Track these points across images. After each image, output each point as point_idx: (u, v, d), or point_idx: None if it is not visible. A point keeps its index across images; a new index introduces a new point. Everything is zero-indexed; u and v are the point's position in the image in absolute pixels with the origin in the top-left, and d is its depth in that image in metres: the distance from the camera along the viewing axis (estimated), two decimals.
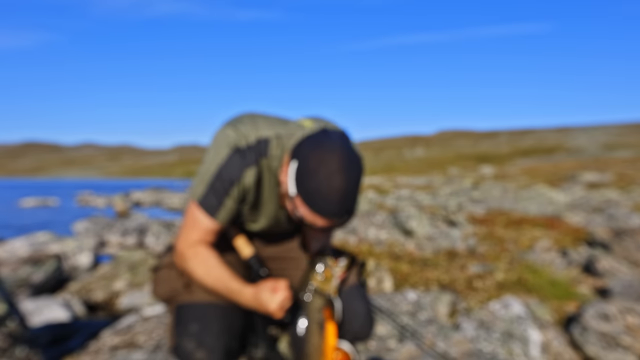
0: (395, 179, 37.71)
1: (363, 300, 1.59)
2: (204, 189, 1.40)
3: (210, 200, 1.39)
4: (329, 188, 1.20)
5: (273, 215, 1.50)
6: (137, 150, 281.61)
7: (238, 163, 1.36)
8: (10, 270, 3.85)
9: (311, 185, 1.22)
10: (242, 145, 1.37)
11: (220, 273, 1.40)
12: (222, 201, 1.39)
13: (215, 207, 1.40)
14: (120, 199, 17.91)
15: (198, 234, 1.42)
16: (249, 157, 1.37)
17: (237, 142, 1.37)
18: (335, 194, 1.21)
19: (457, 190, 20.74)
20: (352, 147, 1.28)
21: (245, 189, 1.40)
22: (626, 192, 16.55)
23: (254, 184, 1.40)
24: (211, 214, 1.40)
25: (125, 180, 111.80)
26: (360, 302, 1.57)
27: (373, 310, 1.61)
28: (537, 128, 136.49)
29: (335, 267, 1.44)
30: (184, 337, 1.41)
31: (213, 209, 1.40)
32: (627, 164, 35.08)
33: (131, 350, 2.17)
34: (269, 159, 1.39)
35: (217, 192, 1.39)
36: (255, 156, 1.37)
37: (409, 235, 5.83)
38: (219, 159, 1.38)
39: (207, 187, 1.39)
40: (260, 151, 1.38)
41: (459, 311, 2.95)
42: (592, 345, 2.49)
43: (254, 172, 1.38)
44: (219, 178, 1.37)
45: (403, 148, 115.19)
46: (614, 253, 4.61)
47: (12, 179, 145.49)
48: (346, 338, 1.52)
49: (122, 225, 7.32)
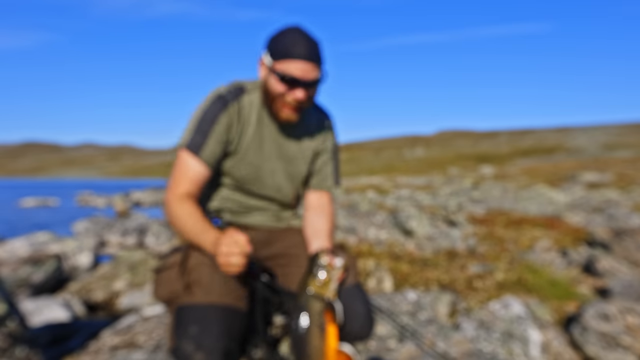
0: (395, 179, 37.71)
1: (362, 300, 1.59)
2: (189, 133, 1.54)
3: (195, 140, 1.52)
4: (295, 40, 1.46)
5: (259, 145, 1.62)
6: (137, 150, 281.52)
7: (220, 103, 1.55)
8: (10, 270, 3.85)
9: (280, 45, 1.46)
10: (224, 91, 1.57)
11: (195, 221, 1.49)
12: (207, 138, 1.52)
13: (199, 145, 1.52)
14: (120, 199, 17.91)
15: (186, 183, 1.52)
16: (229, 97, 1.56)
17: (218, 91, 1.57)
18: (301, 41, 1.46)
19: (457, 190, 20.74)
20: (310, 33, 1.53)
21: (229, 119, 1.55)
22: (626, 192, 16.55)
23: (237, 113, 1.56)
24: (196, 152, 1.51)
25: (125, 180, 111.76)
26: (360, 302, 1.57)
27: (373, 310, 1.61)
28: (537, 128, 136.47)
29: (332, 270, 1.43)
30: (183, 339, 1.41)
31: (198, 147, 1.52)
32: (627, 164, 35.07)
33: (131, 350, 2.17)
34: (248, 93, 1.59)
35: (201, 131, 1.53)
36: (234, 94, 1.57)
37: (409, 235, 5.83)
38: (203, 106, 1.55)
39: (192, 131, 1.53)
40: (237, 90, 1.58)
41: (459, 311, 2.95)
42: (592, 345, 2.49)
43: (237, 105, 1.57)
44: (202, 119, 1.53)
45: (403, 148, 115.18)
46: (614, 253, 4.61)
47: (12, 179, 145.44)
48: (346, 339, 1.52)
49: (122, 225, 7.32)
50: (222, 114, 1.54)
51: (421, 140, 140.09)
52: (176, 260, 1.53)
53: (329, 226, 1.69)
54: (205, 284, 1.46)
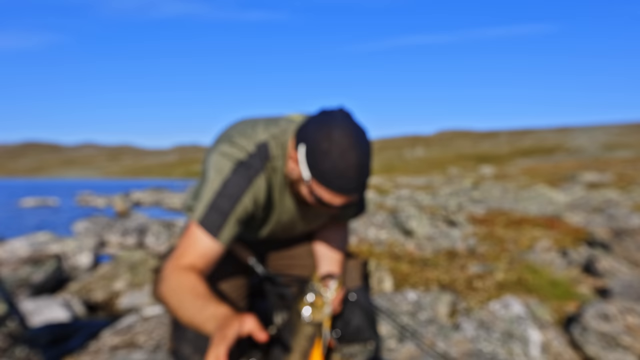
0: (395, 179, 37.70)
1: (365, 302, 1.58)
2: (205, 207, 1.27)
3: (212, 219, 1.26)
4: (345, 166, 1.18)
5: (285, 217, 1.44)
6: (137, 150, 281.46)
7: (244, 174, 1.29)
8: (10, 270, 3.85)
9: (326, 166, 1.18)
10: (244, 156, 1.30)
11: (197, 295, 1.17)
12: (227, 218, 1.27)
13: (217, 225, 1.26)
14: (120, 199, 17.91)
15: (192, 257, 1.25)
16: (254, 165, 1.30)
17: (237, 155, 1.30)
18: (352, 170, 1.19)
19: (457, 190, 20.74)
20: (356, 121, 1.25)
21: (256, 198, 1.31)
22: (626, 192, 16.55)
23: (266, 191, 1.33)
24: (213, 233, 1.26)
25: (125, 180, 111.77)
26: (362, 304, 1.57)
27: (375, 313, 1.61)
28: (537, 128, 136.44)
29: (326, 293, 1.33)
30: (182, 342, 1.41)
31: (215, 227, 1.26)
32: (627, 164, 35.07)
33: (131, 350, 2.17)
34: (272, 161, 1.33)
35: (220, 209, 1.26)
36: (260, 162, 1.31)
37: (409, 235, 5.83)
38: (223, 174, 1.28)
39: (208, 205, 1.27)
40: (262, 155, 1.31)
41: (459, 311, 2.95)
42: (592, 345, 2.49)
43: (264, 179, 1.32)
44: (222, 194, 1.27)
45: (403, 148, 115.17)
46: (614, 253, 4.61)
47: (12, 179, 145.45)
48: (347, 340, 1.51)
49: (122, 225, 7.32)
50: (246, 193, 1.28)
51: (421, 140, 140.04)
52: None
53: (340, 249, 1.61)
54: None
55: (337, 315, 1.48)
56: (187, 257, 1.26)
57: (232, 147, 1.31)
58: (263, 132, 1.35)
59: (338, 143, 1.18)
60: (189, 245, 1.27)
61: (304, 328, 1.32)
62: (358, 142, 1.20)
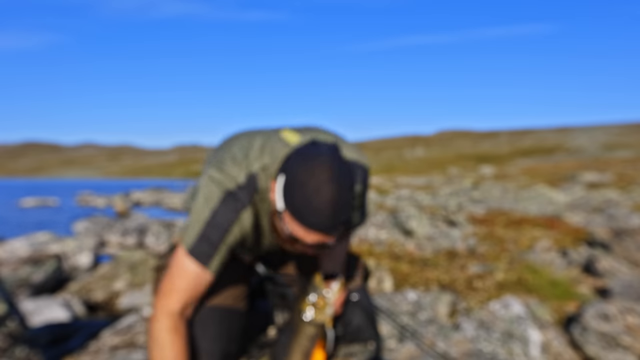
0: (395, 179, 37.71)
1: (365, 303, 1.58)
2: (195, 237, 1.29)
3: (202, 249, 1.29)
4: (319, 201, 1.13)
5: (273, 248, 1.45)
6: (137, 150, 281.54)
7: (232, 206, 1.29)
8: (10, 270, 3.85)
9: (299, 198, 1.14)
10: (233, 187, 1.30)
11: None
12: (217, 249, 1.29)
13: (208, 255, 1.29)
14: (120, 199, 17.91)
15: (182, 292, 1.30)
16: (242, 198, 1.30)
17: (226, 184, 1.30)
18: (326, 206, 1.13)
19: (457, 190, 20.74)
20: (342, 157, 1.21)
21: (243, 231, 1.32)
22: (626, 192, 16.55)
23: (252, 224, 1.33)
24: (203, 262, 1.29)
25: (125, 180, 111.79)
26: (363, 304, 1.57)
27: (375, 312, 1.61)
28: (537, 128, 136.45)
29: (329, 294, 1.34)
30: None
31: (205, 257, 1.29)
32: (627, 164, 35.07)
33: (131, 350, 2.17)
34: (260, 193, 1.32)
35: (210, 239, 1.28)
36: (247, 195, 1.30)
37: (409, 235, 5.83)
38: (211, 204, 1.30)
39: (198, 234, 1.29)
40: (250, 188, 1.31)
41: (459, 311, 2.95)
42: (592, 345, 2.49)
43: (250, 212, 1.31)
44: (212, 225, 1.29)
45: (403, 148, 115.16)
46: (614, 253, 4.61)
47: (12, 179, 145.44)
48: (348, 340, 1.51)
49: (122, 225, 7.32)
50: (234, 225, 1.29)
51: (421, 140, 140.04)
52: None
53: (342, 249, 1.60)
54: None
55: (338, 316, 1.48)
56: (176, 295, 1.30)
57: (222, 175, 1.31)
58: (255, 161, 1.33)
59: (316, 176, 1.14)
60: (180, 277, 1.30)
61: (305, 328, 1.32)
62: (338, 178, 1.15)
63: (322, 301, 1.33)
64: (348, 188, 1.18)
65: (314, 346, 1.33)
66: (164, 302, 1.30)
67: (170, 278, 1.31)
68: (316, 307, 1.33)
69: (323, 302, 1.34)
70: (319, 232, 1.16)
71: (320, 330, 1.35)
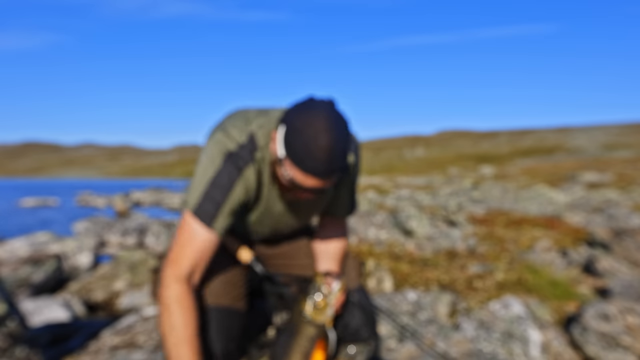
0: (395, 179, 37.71)
1: (365, 303, 1.58)
2: (198, 197, 1.34)
3: (205, 208, 1.33)
4: (315, 146, 1.20)
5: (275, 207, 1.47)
6: (137, 150, 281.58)
7: (234, 165, 1.34)
8: (10, 270, 3.85)
9: (298, 144, 1.22)
10: (234, 147, 1.35)
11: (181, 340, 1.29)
12: (220, 208, 1.33)
13: (212, 215, 1.33)
14: (120, 199, 17.91)
15: (191, 256, 1.33)
16: (244, 156, 1.35)
17: (228, 145, 1.35)
18: (322, 152, 1.21)
19: (457, 190, 20.74)
20: (338, 110, 1.28)
21: (247, 189, 1.37)
22: (626, 192, 16.55)
23: (256, 181, 1.38)
24: (207, 223, 1.33)
25: (125, 180, 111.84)
26: (362, 304, 1.57)
27: (375, 312, 1.61)
28: (537, 128, 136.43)
29: (329, 295, 1.34)
30: None
31: (210, 217, 1.33)
32: (627, 164, 35.07)
33: (131, 350, 2.17)
34: (260, 151, 1.38)
35: (213, 199, 1.33)
36: (248, 153, 1.36)
37: (409, 235, 5.83)
38: (214, 166, 1.34)
39: (202, 195, 1.33)
40: (251, 146, 1.37)
41: (459, 311, 2.95)
42: (592, 345, 2.49)
43: (253, 169, 1.36)
44: (215, 184, 1.33)
45: (403, 148, 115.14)
46: (614, 253, 4.61)
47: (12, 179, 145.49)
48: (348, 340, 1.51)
49: (122, 225, 7.32)
50: (237, 183, 1.34)
51: (421, 140, 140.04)
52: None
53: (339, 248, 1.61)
54: (203, 286, 1.45)
55: (337, 316, 1.48)
56: (186, 259, 1.33)
57: (224, 137, 1.37)
58: (253, 122, 1.40)
59: (313, 124, 1.21)
60: (186, 240, 1.34)
61: (306, 329, 1.31)
62: (334, 127, 1.23)
63: (323, 302, 1.33)
64: (344, 137, 1.25)
65: (313, 347, 1.33)
66: (172, 270, 1.34)
67: (177, 244, 1.35)
68: (317, 307, 1.32)
69: (324, 303, 1.33)
70: (317, 176, 1.24)
71: (321, 331, 1.34)
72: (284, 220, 1.52)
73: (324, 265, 1.55)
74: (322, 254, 1.59)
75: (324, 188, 1.28)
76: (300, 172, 1.24)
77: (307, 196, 1.32)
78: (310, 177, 1.24)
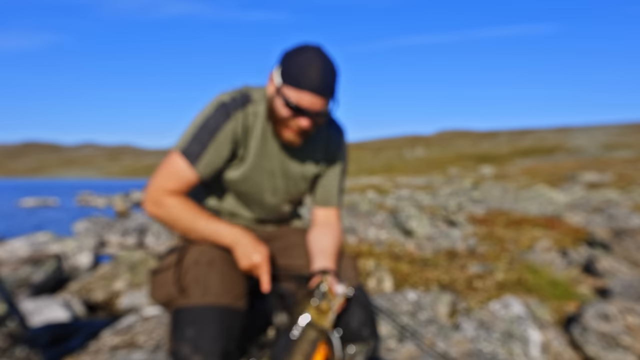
0: (395, 179, 37.70)
1: (364, 302, 1.58)
2: (187, 139, 1.44)
3: (192, 148, 1.42)
4: (309, 67, 1.36)
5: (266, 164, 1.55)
6: (137, 150, 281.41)
7: (225, 111, 1.45)
8: (10, 270, 3.85)
9: (293, 69, 1.38)
10: (228, 99, 1.47)
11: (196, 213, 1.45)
12: (206, 148, 1.43)
13: (196, 154, 1.42)
14: (120, 199, 17.92)
15: (175, 182, 1.43)
16: (234, 105, 1.47)
17: (223, 98, 1.48)
18: (315, 70, 1.36)
19: (457, 190, 20.74)
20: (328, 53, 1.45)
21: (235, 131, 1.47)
22: (626, 192, 16.55)
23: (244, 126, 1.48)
24: (191, 161, 1.42)
25: (125, 180, 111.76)
26: (361, 304, 1.57)
27: (374, 312, 1.61)
28: (537, 128, 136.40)
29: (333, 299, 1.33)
30: (180, 342, 1.40)
31: (194, 156, 1.42)
32: (627, 164, 35.07)
33: (131, 350, 2.17)
34: (254, 104, 1.50)
35: (199, 140, 1.43)
36: (240, 103, 1.48)
37: (409, 235, 5.83)
38: (205, 113, 1.46)
39: (190, 137, 1.43)
40: (244, 99, 1.49)
41: (459, 311, 2.95)
42: (592, 345, 2.49)
43: (243, 114, 1.48)
44: (203, 127, 1.43)
45: (403, 148, 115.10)
46: (614, 253, 4.61)
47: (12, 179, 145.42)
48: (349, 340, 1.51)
49: (122, 225, 7.32)
50: (225, 125, 1.44)
51: (421, 140, 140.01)
52: (171, 262, 1.51)
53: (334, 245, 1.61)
54: (202, 284, 1.45)
55: (337, 316, 1.48)
56: (171, 183, 1.44)
57: (218, 96, 1.50)
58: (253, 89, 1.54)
59: (306, 54, 1.39)
60: (170, 173, 1.44)
61: (307, 332, 1.30)
62: (325, 57, 1.41)
63: (326, 306, 1.32)
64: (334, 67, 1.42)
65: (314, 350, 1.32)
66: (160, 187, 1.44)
67: (161, 172, 1.45)
68: (320, 311, 1.32)
69: (327, 307, 1.33)
70: (312, 91, 1.37)
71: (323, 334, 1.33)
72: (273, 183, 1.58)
73: (320, 262, 1.55)
74: (318, 251, 1.59)
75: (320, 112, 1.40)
76: (296, 91, 1.37)
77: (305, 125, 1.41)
78: (306, 94, 1.37)
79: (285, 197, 1.63)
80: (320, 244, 1.61)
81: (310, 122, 1.42)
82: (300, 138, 1.47)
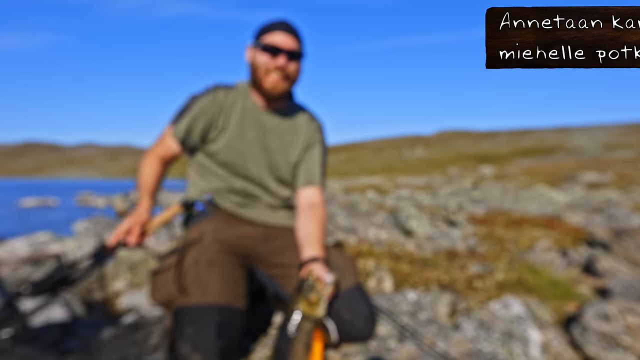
0: (395, 179, 37.70)
1: (364, 302, 1.58)
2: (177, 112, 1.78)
3: (177, 117, 1.79)
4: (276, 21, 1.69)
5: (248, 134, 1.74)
6: (137, 150, 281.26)
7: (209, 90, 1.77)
8: (10, 270, 3.85)
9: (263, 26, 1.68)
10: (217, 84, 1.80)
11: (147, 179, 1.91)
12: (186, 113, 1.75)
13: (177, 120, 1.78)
14: (120, 199, 17.92)
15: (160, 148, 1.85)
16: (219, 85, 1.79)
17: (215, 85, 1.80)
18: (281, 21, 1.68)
19: (457, 190, 20.74)
20: None
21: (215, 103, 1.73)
22: (626, 192, 16.55)
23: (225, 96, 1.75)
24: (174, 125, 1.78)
25: (125, 180, 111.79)
26: (361, 303, 1.57)
27: (374, 311, 1.61)
28: (537, 128, 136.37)
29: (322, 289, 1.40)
30: (180, 341, 1.41)
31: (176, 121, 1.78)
32: (627, 164, 35.06)
33: (131, 350, 2.17)
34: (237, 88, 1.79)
35: (183, 109, 1.77)
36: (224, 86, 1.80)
37: (409, 235, 5.83)
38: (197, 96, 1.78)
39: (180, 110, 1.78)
40: (229, 85, 1.81)
41: (459, 311, 2.95)
42: (592, 345, 2.49)
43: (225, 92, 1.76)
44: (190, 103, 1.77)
45: (403, 148, 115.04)
46: (614, 253, 4.61)
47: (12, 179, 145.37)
48: (349, 339, 1.51)
49: None
50: (206, 97, 1.74)
51: (421, 140, 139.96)
52: (172, 263, 1.52)
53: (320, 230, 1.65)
54: (202, 284, 1.46)
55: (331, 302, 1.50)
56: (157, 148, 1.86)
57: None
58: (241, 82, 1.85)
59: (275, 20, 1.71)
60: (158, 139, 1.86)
61: (303, 324, 1.35)
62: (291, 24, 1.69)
63: (316, 297, 1.38)
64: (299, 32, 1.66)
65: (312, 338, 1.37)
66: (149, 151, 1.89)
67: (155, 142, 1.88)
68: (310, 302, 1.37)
69: (316, 298, 1.38)
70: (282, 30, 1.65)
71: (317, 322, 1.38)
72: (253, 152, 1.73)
73: (308, 251, 1.58)
74: (305, 239, 1.62)
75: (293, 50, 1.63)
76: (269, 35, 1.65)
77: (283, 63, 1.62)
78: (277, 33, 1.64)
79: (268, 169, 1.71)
80: (306, 231, 1.66)
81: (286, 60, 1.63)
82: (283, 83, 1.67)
